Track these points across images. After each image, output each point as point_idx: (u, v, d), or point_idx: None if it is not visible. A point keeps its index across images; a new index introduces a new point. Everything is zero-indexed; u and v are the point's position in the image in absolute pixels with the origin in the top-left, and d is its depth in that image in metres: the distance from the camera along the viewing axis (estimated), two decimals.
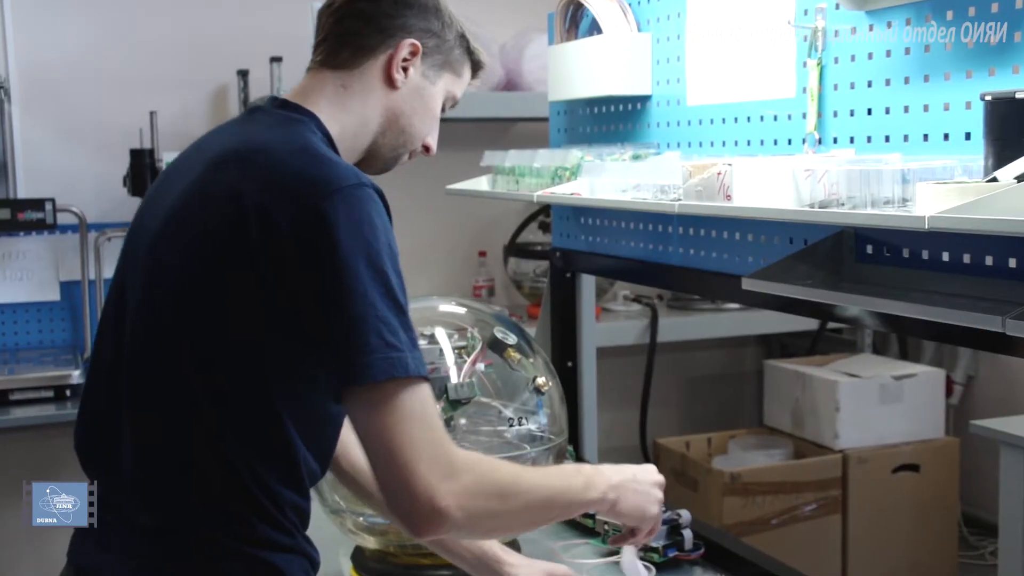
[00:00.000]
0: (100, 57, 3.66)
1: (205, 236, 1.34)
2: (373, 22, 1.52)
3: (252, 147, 1.39)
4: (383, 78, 1.52)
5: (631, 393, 3.96)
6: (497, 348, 1.91)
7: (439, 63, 1.56)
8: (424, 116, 1.58)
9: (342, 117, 1.51)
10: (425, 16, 1.53)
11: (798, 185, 1.48)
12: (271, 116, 1.48)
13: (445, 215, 3.95)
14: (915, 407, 3.74)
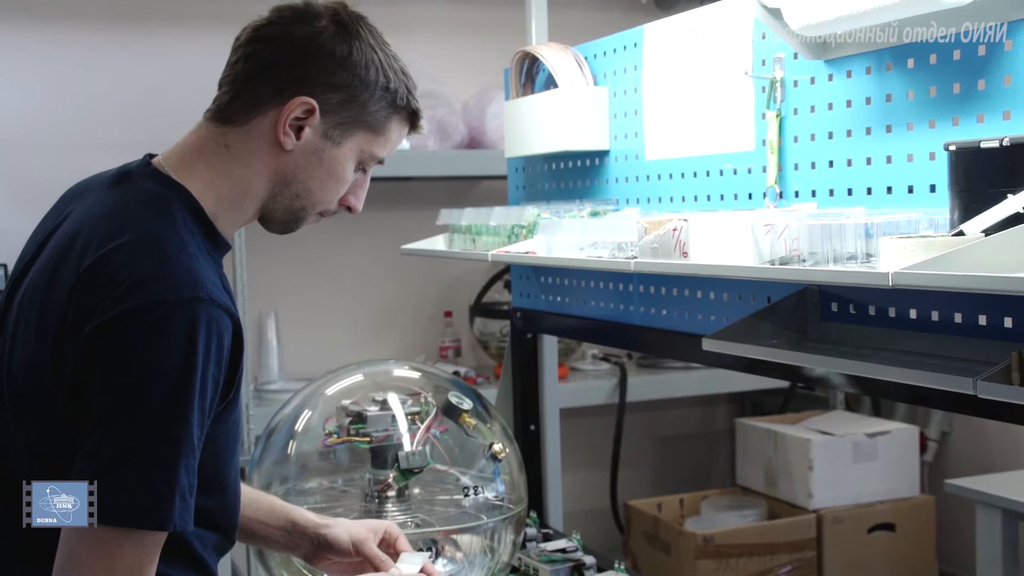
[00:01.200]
0: (52, 118, 3.58)
1: (40, 328, 1.28)
2: (267, 71, 1.36)
3: (96, 237, 1.27)
4: (272, 138, 1.36)
5: (601, 454, 3.88)
6: (452, 414, 1.83)
7: (347, 121, 1.38)
8: (325, 181, 1.41)
9: (220, 185, 1.37)
10: (330, 68, 1.35)
11: (758, 241, 1.42)
12: (135, 189, 1.33)
13: (409, 275, 3.88)
14: (889, 465, 3.68)
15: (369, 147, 1.42)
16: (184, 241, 1.29)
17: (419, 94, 1.46)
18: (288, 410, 1.93)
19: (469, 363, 3.91)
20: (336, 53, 1.35)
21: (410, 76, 1.43)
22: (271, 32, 1.37)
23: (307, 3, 1.39)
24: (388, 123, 1.42)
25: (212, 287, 1.26)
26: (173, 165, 1.37)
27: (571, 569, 2.04)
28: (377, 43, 1.39)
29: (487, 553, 1.86)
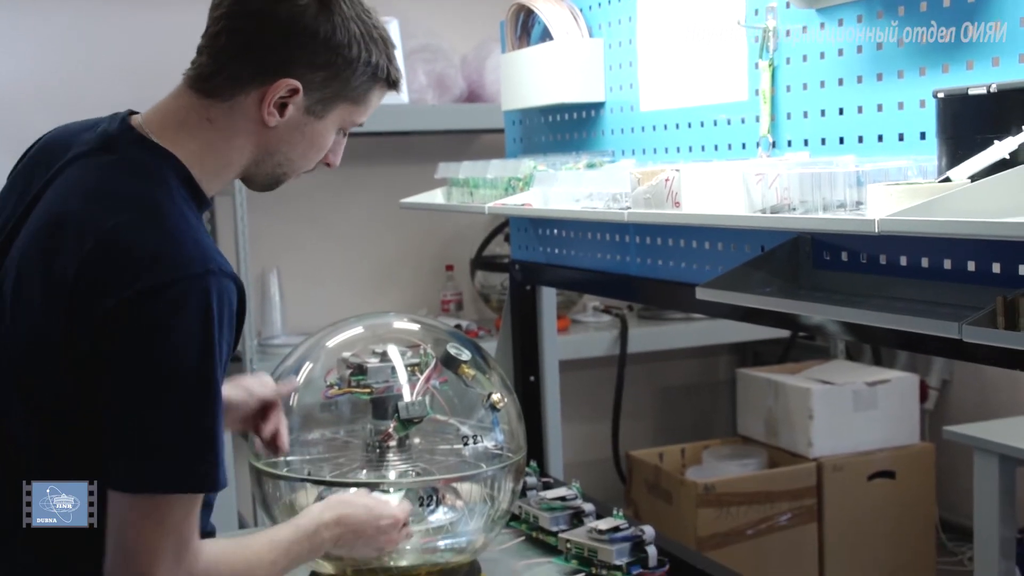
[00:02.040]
0: (57, 81, 3.58)
1: (44, 307, 1.31)
2: (251, 51, 1.36)
3: (95, 215, 1.29)
4: (255, 115, 1.38)
5: (602, 405, 3.92)
6: (451, 365, 1.85)
7: (329, 96, 1.41)
8: (307, 150, 1.46)
9: (204, 156, 1.39)
10: (313, 49, 1.36)
11: (749, 190, 1.43)
12: (124, 159, 1.35)
13: (411, 229, 3.90)
14: (889, 413, 3.71)
15: (350, 116, 1.46)
16: (184, 212, 1.32)
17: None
18: (289, 363, 1.95)
19: (471, 316, 3.94)
20: (319, 33, 1.36)
21: (390, 42, 1.45)
22: (254, 8, 1.36)
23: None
24: (369, 94, 1.45)
25: (218, 257, 1.30)
26: (156, 131, 1.38)
27: (570, 516, 2.07)
28: (358, 14, 1.39)
29: (487, 501, 1.89)
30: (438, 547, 1.86)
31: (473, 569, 1.92)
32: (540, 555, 2.04)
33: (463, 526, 1.88)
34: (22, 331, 1.34)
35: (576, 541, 1.94)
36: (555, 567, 1.97)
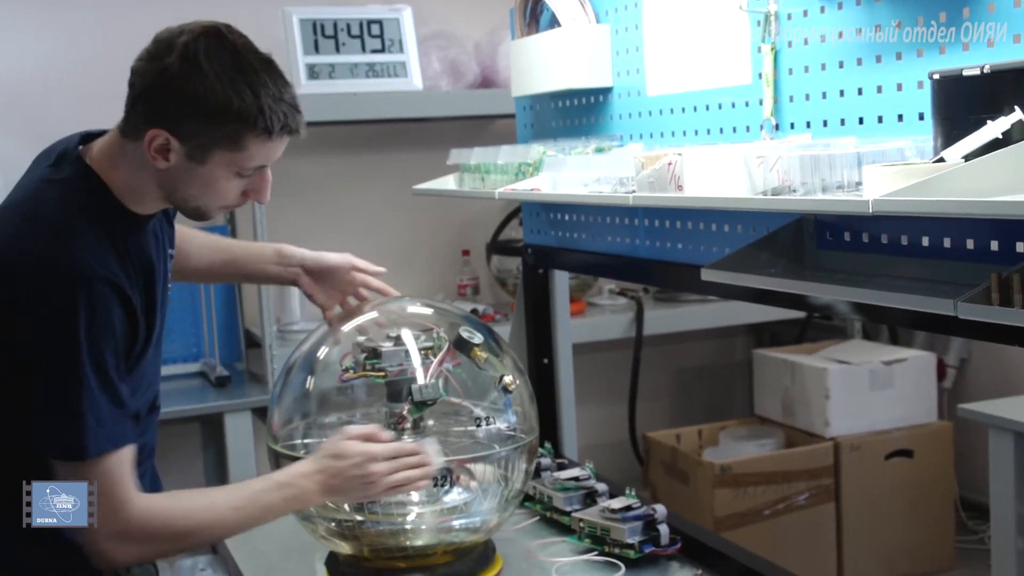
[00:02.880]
0: (71, 70, 3.63)
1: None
2: (135, 103, 1.54)
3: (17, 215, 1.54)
4: (150, 156, 1.53)
5: (620, 388, 3.94)
6: (463, 348, 1.88)
7: (203, 144, 1.52)
8: (203, 190, 1.59)
9: (126, 183, 1.57)
10: (177, 102, 1.49)
11: (751, 173, 1.46)
12: (59, 177, 1.56)
13: (427, 215, 3.93)
14: (907, 392, 3.72)
15: (235, 162, 1.56)
16: (78, 227, 1.52)
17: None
18: (306, 347, 1.99)
19: (487, 300, 3.97)
20: (183, 89, 1.49)
21: (273, 86, 1.53)
22: (138, 66, 1.54)
23: (168, 37, 1.53)
24: (244, 142, 1.53)
25: (91, 262, 1.50)
26: (94, 156, 1.59)
27: (584, 496, 2.11)
28: (231, 65, 1.50)
29: (501, 482, 1.92)
30: (453, 527, 1.90)
31: (487, 549, 1.95)
32: (554, 534, 2.07)
33: (477, 506, 1.91)
34: None
35: (589, 520, 1.97)
36: (568, 546, 2.00)
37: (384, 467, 1.71)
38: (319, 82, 3.43)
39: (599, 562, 1.87)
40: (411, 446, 1.76)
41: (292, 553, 2.04)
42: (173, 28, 1.55)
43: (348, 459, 1.69)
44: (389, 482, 1.71)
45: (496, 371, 1.93)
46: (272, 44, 3.51)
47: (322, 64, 3.45)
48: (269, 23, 3.56)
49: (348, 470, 1.69)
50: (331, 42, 3.46)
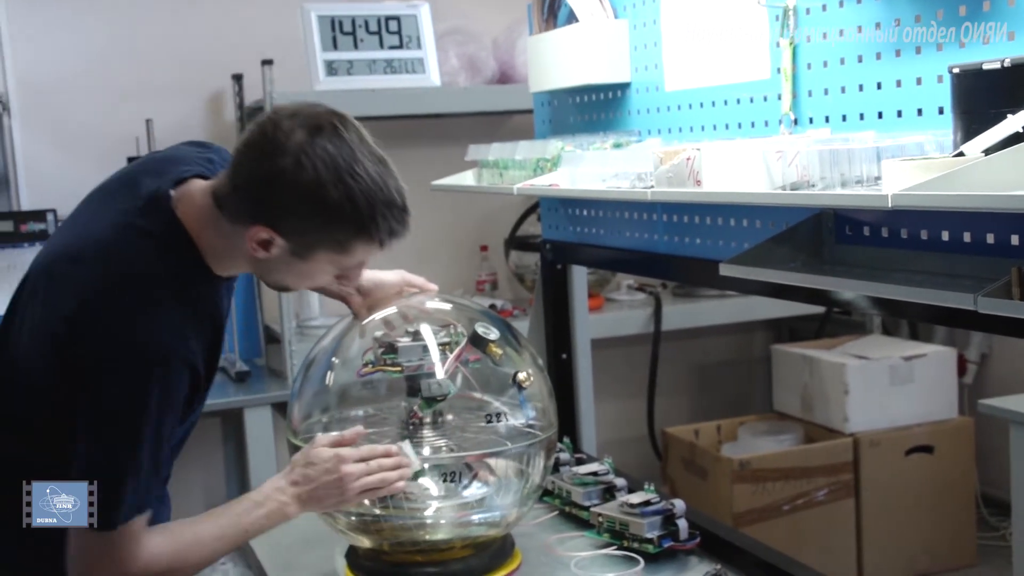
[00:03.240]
0: (95, 67, 3.66)
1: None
2: (239, 193, 1.51)
3: (86, 275, 1.52)
4: (247, 245, 1.52)
5: (638, 383, 3.94)
6: (479, 344, 1.89)
7: (309, 243, 1.52)
8: (300, 280, 1.62)
9: (214, 249, 1.57)
10: (290, 203, 1.47)
11: (769, 168, 1.45)
12: (146, 223, 1.54)
13: (445, 211, 3.93)
14: (927, 388, 3.71)
15: (338, 261, 1.56)
16: (161, 300, 1.52)
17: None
18: (325, 343, 1.99)
19: (506, 296, 3.97)
20: (295, 194, 1.47)
21: (387, 190, 1.52)
22: (245, 157, 1.51)
23: (280, 133, 1.47)
24: (351, 246, 1.54)
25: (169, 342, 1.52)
26: (184, 212, 1.56)
27: (602, 491, 2.11)
28: (346, 169, 1.48)
29: (519, 477, 1.93)
30: (472, 521, 1.90)
31: (506, 543, 1.96)
32: (573, 529, 2.07)
33: (496, 501, 1.92)
34: None
35: (608, 515, 1.97)
36: (587, 540, 2.01)
37: (356, 469, 1.70)
38: (337, 78, 3.44)
39: (618, 556, 1.87)
40: (384, 448, 1.76)
41: (312, 546, 2.05)
42: (282, 116, 1.50)
43: (319, 465, 1.69)
44: (363, 484, 1.70)
45: (516, 366, 1.94)
46: (291, 41, 3.55)
47: (340, 60, 3.46)
48: (288, 19, 3.58)
49: (320, 476, 1.69)
50: (349, 38, 3.47)
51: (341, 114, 1.53)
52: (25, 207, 3.55)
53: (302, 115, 1.49)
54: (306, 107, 1.51)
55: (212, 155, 1.71)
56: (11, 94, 3.58)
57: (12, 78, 3.59)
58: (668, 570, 1.90)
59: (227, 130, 3.79)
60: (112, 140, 3.59)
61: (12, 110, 3.58)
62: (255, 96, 3.52)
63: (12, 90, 3.59)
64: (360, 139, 1.52)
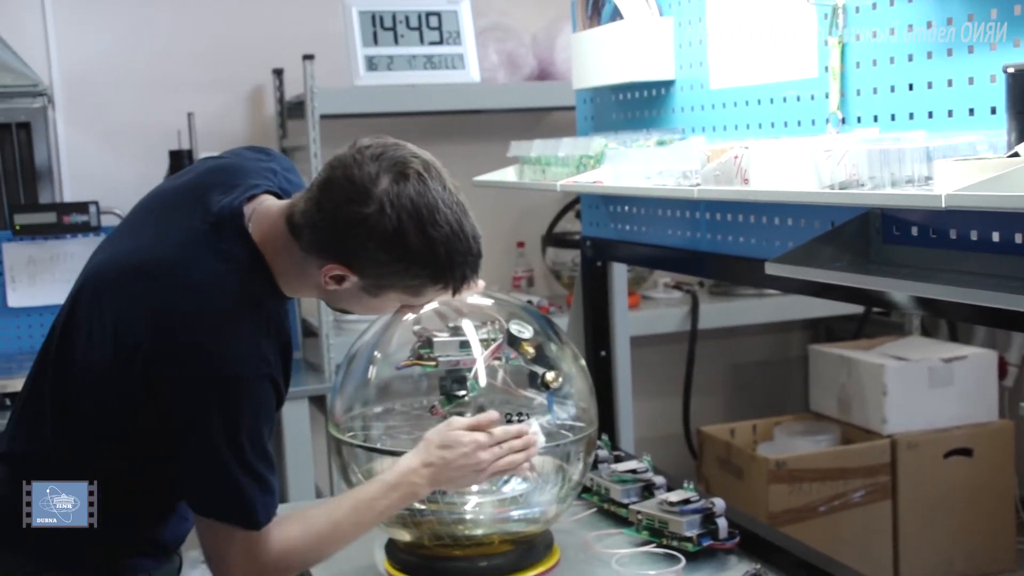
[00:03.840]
0: (137, 61, 3.70)
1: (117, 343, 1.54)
2: (318, 230, 1.51)
3: (178, 289, 1.52)
4: (319, 276, 1.54)
5: (674, 381, 3.93)
6: (513, 343, 1.89)
7: (383, 284, 1.54)
8: (366, 311, 1.65)
9: (285, 272, 1.58)
10: (369, 248, 1.48)
11: (818, 166, 1.45)
12: (220, 242, 1.54)
13: (482, 207, 3.88)
14: (966, 390, 3.67)
15: (407, 300, 1.60)
16: (241, 317, 1.53)
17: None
18: (367, 337, 2.00)
19: (542, 292, 3.97)
20: (377, 242, 1.48)
21: (464, 239, 1.54)
22: (330, 198, 1.49)
23: (366, 179, 1.47)
24: (424, 289, 1.57)
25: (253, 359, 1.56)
26: (258, 232, 1.57)
27: (641, 488, 2.11)
28: (428, 219, 1.48)
29: (559, 473, 1.93)
30: (511, 517, 1.91)
31: (546, 539, 1.96)
32: (611, 526, 2.08)
33: (536, 497, 1.92)
34: None
35: (647, 513, 1.97)
36: (626, 538, 2.01)
37: (492, 453, 1.74)
38: (377, 74, 3.45)
39: (658, 554, 1.87)
40: (515, 428, 1.79)
41: None
42: (366, 158, 1.49)
43: (457, 449, 1.72)
44: (496, 467, 1.75)
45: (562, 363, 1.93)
46: (331, 36, 3.56)
47: (380, 56, 3.47)
48: (329, 14, 3.59)
49: (458, 460, 1.72)
50: (390, 34, 3.49)
51: (425, 158, 1.54)
52: (68, 199, 3.59)
53: (387, 159, 1.49)
54: (390, 148, 1.51)
55: (274, 164, 1.72)
56: (56, 88, 3.62)
57: (57, 72, 3.63)
58: (707, 569, 1.89)
59: (267, 124, 3.81)
60: (154, 133, 3.63)
61: (56, 103, 3.62)
62: (296, 91, 3.54)
63: (57, 84, 3.63)
64: (443, 186, 1.52)
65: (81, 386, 1.58)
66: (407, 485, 1.69)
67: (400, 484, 1.69)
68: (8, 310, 3.43)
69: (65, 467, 1.59)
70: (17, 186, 3.42)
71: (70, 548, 1.60)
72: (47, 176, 3.46)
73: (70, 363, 1.60)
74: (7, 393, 3.05)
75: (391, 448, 1.88)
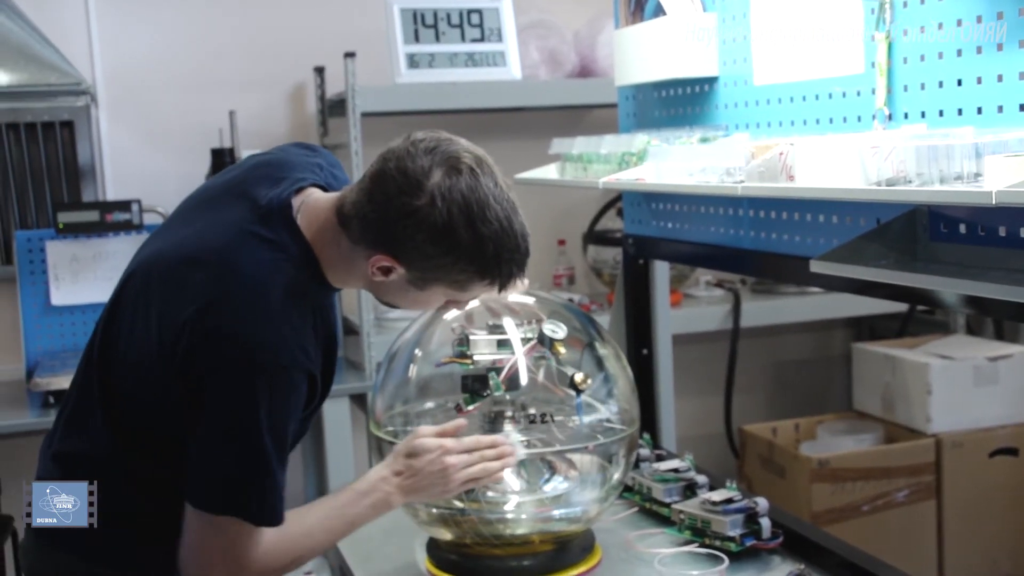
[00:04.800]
0: (180, 60, 3.72)
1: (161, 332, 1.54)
2: (368, 221, 1.51)
3: (226, 276, 1.51)
4: (366, 267, 1.55)
5: (715, 379, 3.91)
6: (545, 342, 1.88)
7: (429, 278, 1.54)
8: (413, 305, 1.66)
9: (333, 263, 1.58)
10: (419, 241, 1.48)
11: (864, 163, 1.43)
12: (269, 236, 1.54)
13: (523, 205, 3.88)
14: (1012, 389, 3.62)
15: (453, 295, 1.59)
16: (285, 306, 1.52)
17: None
18: (408, 335, 2.01)
19: (583, 290, 3.96)
20: (427, 235, 1.48)
21: (513, 236, 1.53)
22: (381, 189, 1.50)
23: (418, 172, 1.48)
24: (470, 285, 1.56)
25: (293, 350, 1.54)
26: (306, 224, 1.57)
27: (683, 488, 2.10)
28: (478, 215, 1.48)
29: (601, 472, 1.92)
30: (553, 516, 1.91)
31: (587, 538, 1.96)
32: (653, 526, 2.07)
33: (577, 496, 1.91)
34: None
35: (689, 512, 1.96)
36: (668, 537, 2.00)
37: (460, 459, 1.72)
38: (419, 71, 3.46)
39: (700, 554, 1.85)
40: (488, 438, 1.77)
41: (393, 537, 2.07)
42: (420, 151, 1.49)
43: (424, 456, 1.71)
44: (466, 475, 1.72)
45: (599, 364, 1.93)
46: (373, 34, 3.56)
47: (422, 53, 3.48)
48: (370, 12, 3.60)
49: (425, 467, 1.71)
50: (431, 31, 3.49)
51: (478, 154, 1.54)
52: (111, 197, 3.63)
53: (440, 153, 1.49)
54: (444, 142, 1.52)
55: (320, 159, 1.72)
56: (99, 86, 3.65)
57: (100, 71, 3.66)
58: (750, 569, 1.88)
59: (309, 122, 3.83)
60: (196, 131, 3.65)
61: (100, 102, 3.66)
62: (337, 88, 3.55)
63: (100, 82, 3.66)
64: (495, 182, 1.52)
65: (125, 382, 1.59)
66: (378, 492, 1.69)
67: (370, 492, 1.69)
68: (52, 308, 3.46)
69: (117, 467, 1.60)
70: (60, 184, 3.46)
71: (122, 549, 1.61)
72: (90, 174, 3.50)
73: (114, 359, 1.61)
74: (52, 391, 3.08)
75: None
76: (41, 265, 3.46)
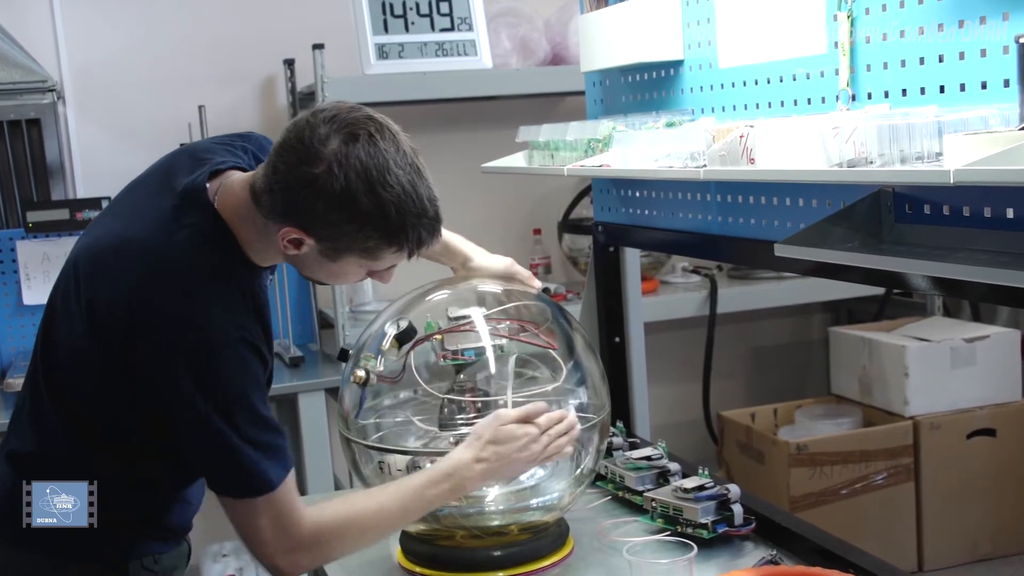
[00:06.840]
0: (147, 55, 3.69)
1: None
2: (274, 194, 1.51)
3: (146, 263, 1.53)
4: (280, 244, 1.54)
5: (694, 366, 3.91)
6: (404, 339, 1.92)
7: (339, 248, 1.53)
8: (331, 278, 1.67)
9: (251, 241, 1.59)
10: (321, 209, 1.48)
11: (825, 144, 1.41)
12: (186, 216, 1.55)
13: (498, 194, 3.91)
14: (989, 370, 3.63)
15: (366, 265, 1.58)
16: (216, 287, 1.55)
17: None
18: (375, 327, 1.99)
19: (559, 279, 3.95)
20: (328, 202, 1.47)
21: (418, 200, 1.51)
22: (281, 160, 1.50)
23: (315, 141, 1.47)
24: (380, 252, 1.55)
25: None
26: (224, 206, 1.58)
27: (656, 475, 2.08)
28: (378, 180, 1.47)
29: (572, 460, 1.91)
30: (529, 506, 1.90)
31: (560, 527, 1.94)
32: (626, 514, 2.06)
33: (550, 485, 1.90)
34: None
35: (662, 500, 1.95)
36: (641, 525, 1.99)
37: (542, 444, 1.76)
38: (388, 62, 3.43)
39: (672, 542, 1.84)
40: (558, 414, 1.79)
41: None
42: (319, 120, 1.49)
43: (512, 444, 1.73)
44: (545, 454, 1.76)
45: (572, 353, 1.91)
46: (342, 25, 3.53)
47: (391, 44, 3.45)
48: (339, 3, 3.57)
49: (512, 454, 1.73)
50: (400, 21, 3.46)
51: (379, 120, 1.53)
52: (80, 195, 3.59)
53: (339, 121, 1.49)
54: (344, 111, 1.51)
55: (245, 143, 1.73)
56: (65, 83, 3.62)
57: (67, 68, 3.63)
58: (723, 556, 1.87)
59: (280, 114, 3.80)
60: (165, 127, 3.62)
61: (67, 99, 3.62)
62: (307, 81, 3.52)
63: (67, 79, 3.63)
64: (396, 147, 1.51)
65: (68, 377, 1.60)
66: (459, 478, 1.71)
67: (451, 476, 1.70)
68: (24, 308, 3.44)
69: (71, 462, 1.60)
70: (29, 183, 3.43)
71: (79, 540, 1.61)
72: (59, 172, 3.46)
73: (55, 356, 1.62)
74: None
75: (394, 447, 1.90)
76: (12, 265, 3.43)
